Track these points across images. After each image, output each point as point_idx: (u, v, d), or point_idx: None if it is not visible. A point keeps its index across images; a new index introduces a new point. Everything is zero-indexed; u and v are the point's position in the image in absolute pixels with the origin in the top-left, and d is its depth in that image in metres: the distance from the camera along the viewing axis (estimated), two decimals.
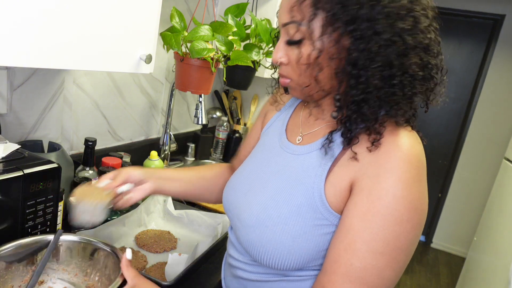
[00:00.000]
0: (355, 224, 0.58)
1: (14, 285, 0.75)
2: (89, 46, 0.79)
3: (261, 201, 0.69)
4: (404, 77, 0.57)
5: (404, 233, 0.57)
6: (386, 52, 0.56)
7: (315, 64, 0.61)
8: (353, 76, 0.58)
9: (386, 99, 0.58)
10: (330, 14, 0.57)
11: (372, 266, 0.57)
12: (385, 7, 0.55)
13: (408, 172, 0.57)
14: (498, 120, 3.42)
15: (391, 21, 0.55)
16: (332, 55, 0.59)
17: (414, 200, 0.57)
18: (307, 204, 0.63)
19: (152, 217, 1.18)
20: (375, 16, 0.55)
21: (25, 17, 0.66)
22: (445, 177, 3.70)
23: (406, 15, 0.56)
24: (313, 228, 0.62)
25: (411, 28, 0.56)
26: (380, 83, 0.57)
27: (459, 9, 3.39)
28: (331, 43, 0.58)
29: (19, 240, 0.76)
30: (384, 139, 0.59)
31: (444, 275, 3.33)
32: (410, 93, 0.59)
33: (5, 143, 0.85)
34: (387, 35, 0.55)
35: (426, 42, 0.58)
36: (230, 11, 1.31)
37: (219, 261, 1.06)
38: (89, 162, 1.15)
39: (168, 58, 1.65)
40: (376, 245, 0.57)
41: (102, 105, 1.38)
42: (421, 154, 0.60)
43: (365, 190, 0.58)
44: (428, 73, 0.60)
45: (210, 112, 2.10)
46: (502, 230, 2.11)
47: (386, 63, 0.56)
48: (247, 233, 0.68)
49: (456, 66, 3.54)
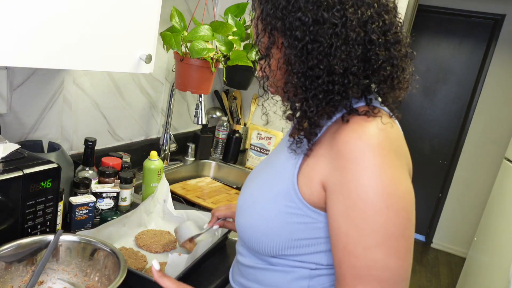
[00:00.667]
0: (341, 225, 0.59)
1: (14, 285, 0.75)
2: (89, 46, 0.79)
3: (251, 188, 0.77)
4: (332, 76, 0.60)
5: (390, 221, 0.56)
6: (307, 56, 0.60)
7: (273, 73, 0.68)
8: (286, 83, 0.65)
9: (321, 96, 0.62)
10: (269, 29, 0.64)
11: (373, 260, 0.57)
12: (305, 13, 0.59)
13: (372, 160, 0.57)
14: (498, 120, 3.42)
15: (310, 26, 0.59)
16: (276, 66, 0.67)
17: (387, 186, 0.56)
18: (283, 192, 0.67)
19: (152, 217, 1.18)
20: (296, 24, 0.60)
21: (25, 17, 0.66)
22: (445, 177, 3.70)
23: (329, 16, 0.58)
24: (286, 215, 0.65)
25: (335, 27, 0.58)
26: (304, 86, 0.62)
27: (459, 9, 3.39)
28: (275, 55, 0.66)
29: (19, 240, 0.76)
30: (344, 131, 0.60)
31: (444, 275, 3.33)
32: (341, 89, 0.61)
33: (5, 143, 0.85)
34: (306, 40, 0.59)
35: (361, 36, 0.59)
36: (230, 11, 1.31)
37: (219, 261, 1.06)
38: (89, 162, 1.15)
39: (168, 58, 1.65)
40: (367, 240, 0.57)
41: (102, 105, 1.38)
42: (386, 141, 0.58)
43: (337, 186, 0.59)
44: (374, 64, 0.61)
45: (210, 112, 2.10)
46: (502, 230, 2.11)
47: (309, 66, 0.61)
48: (237, 217, 0.76)
49: (456, 66, 3.53)
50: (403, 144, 0.63)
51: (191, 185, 1.62)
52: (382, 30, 0.61)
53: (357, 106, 0.64)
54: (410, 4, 1.79)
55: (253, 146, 1.88)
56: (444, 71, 3.56)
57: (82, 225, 1.05)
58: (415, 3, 1.91)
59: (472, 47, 3.47)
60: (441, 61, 3.56)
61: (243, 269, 0.79)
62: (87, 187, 1.09)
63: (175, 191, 1.50)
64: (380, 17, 0.61)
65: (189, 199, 1.47)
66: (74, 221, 1.03)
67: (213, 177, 1.87)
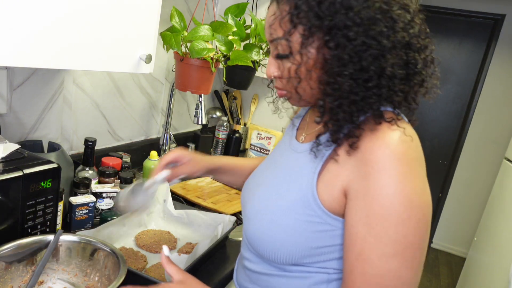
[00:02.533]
0: (360, 230, 0.58)
1: (14, 285, 0.75)
2: (89, 46, 0.79)
3: (261, 195, 0.73)
4: (381, 80, 0.58)
5: (411, 231, 0.56)
6: (360, 58, 0.57)
7: (299, 76, 0.63)
8: (328, 84, 0.61)
9: (362, 103, 0.59)
10: (307, 27, 0.59)
11: (387, 270, 0.56)
12: (358, 13, 0.56)
13: (398, 169, 0.56)
14: (498, 120, 3.42)
15: (365, 26, 0.57)
16: (311, 67, 0.62)
17: (410, 195, 0.56)
18: (301, 200, 0.64)
19: (152, 217, 1.18)
20: (348, 24, 0.57)
21: (25, 18, 0.66)
22: (445, 177, 3.70)
23: (382, 18, 0.57)
24: (305, 224, 0.63)
25: (387, 30, 0.57)
26: (352, 88, 0.59)
27: (459, 8, 3.39)
28: (310, 55, 0.61)
29: (19, 240, 0.76)
30: (369, 137, 0.59)
31: (444, 275, 3.33)
32: (388, 94, 0.60)
33: (5, 143, 0.85)
34: (360, 40, 0.57)
35: (406, 40, 0.59)
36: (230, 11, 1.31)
37: (219, 261, 1.06)
38: (89, 162, 1.15)
39: (168, 58, 1.65)
40: (385, 248, 0.56)
41: (102, 105, 1.38)
42: (411, 150, 0.58)
43: (360, 193, 0.58)
44: (412, 69, 0.60)
45: (210, 112, 2.09)
46: (502, 230, 2.11)
47: (360, 68, 0.58)
48: (248, 225, 0.72)
49: (456, 66, 3.53)
50: (423, 155, 0.62)
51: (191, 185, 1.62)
52: (418, 35, 0.61)
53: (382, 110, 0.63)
54: None
55: (253, 146, 1.88)
56: (444, 71, 3.56)
57: (82, 225, 1.05)
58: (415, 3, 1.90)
59: (472, 47, 3.47)
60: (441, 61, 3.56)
61: (252, 275, 0.76)
62: (87, 187, 1.09)
63: (175, 191, 1.50)
64: (415, 22, 0.61)
65: (189, 199, 1.47)
66: (74, 221, 1.03)
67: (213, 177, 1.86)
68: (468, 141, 3.54)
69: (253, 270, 0.75)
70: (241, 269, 0.81)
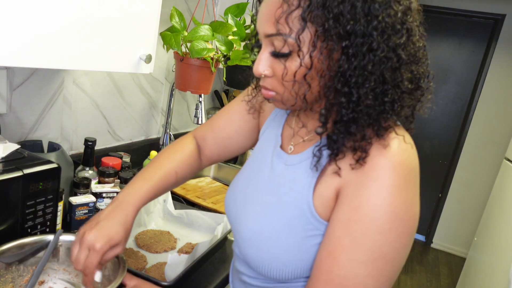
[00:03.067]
0: (337, 231, 0.57)
1: (15, 285, 0.75)
2: (89, 46, 0.79)
3: (254, 214, 0.69)
4: (395, 93, 0.56)
5: (388, 243, 0.55)
6: (381, 70, 0.54)
7: (303, 81, 0.57)
8: (344, 95, 0.55)
9: (376, 117, 0.56)
10: (321, 28, 0.53)
11: (353, 274, 0.55)
12: (382, 21, 0.52)
13: (392, 180, 0.55)
14: (498, 120, 3.42)
15: (386, 36, 0.53)
16: (322, 72, 0.56)
17: (398, 208, 0.55)
18: (298, 216, 0.62)
19: (152, 217, 1.18)
20: (371, 32, 0.52)
21: (25, 17, 0.66)
22: (445, 177, 3.70)
23: (400, 28, 0.55)
24: (305, 239, 0.62)
25: (405, 42, 0.55)
26: (372, 102, 0.55)
27: (460, 9, 3.39)
28: (321, 59, 0.55)
29: (19, 240, 0.76)
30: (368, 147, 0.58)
31: (444, 275, 3.33)
32: (399, 109, 0.57)
33: (4, 143, 0.85)
34: (382, 51, 0.53)
35: (417, 54, 0.57)
36: (230, 11, 1.31)
37: (219, 261, 1.06)
38: (89, 162, 1.15)
39: (168, 58, 1.65)
40: (356, 253, 0.55)
41: (102, 105, 1.38)
42: (409, 161, 0.57)
43: (349, 198, 0.57)
44: (416, 83, 0.58)
45: (210, 112, 2.09)
46: (502, 230, 2.11)
47: (380, 80, 0.54)
48: (245, 247, 0.69)
49: (456, 66, 3.53)
50: (418, 164, 0.60)
51: (191, 185, 1.62)
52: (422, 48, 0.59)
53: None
54: None
55: None
56: (444, 71, 3.56)
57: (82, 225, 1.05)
58: None
59: (472, 47, 3.47)
60: (441, 61, 3.56)
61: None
62: (87, 187, 1.09)
63: (175, 191, 1.50)
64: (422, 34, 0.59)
65: (189, 199, 1.47)
66: (74, 221, 1.03)
67: (213, 177, 1.87)
68: (468, 141, 3.54)
69: (253, 284, 0.72)
70: (239, 282, 0.77)
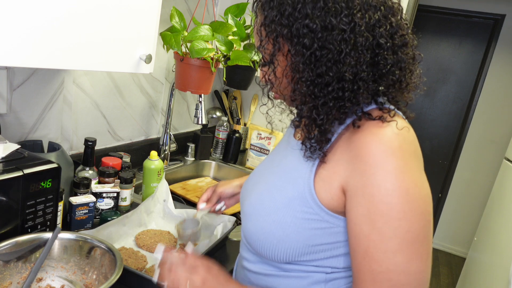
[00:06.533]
0: (363, 228, 0.58)
1: (13, 282, 0.75)
2: (89, 46, 0.79)
3: (259, 191, 0.74)
4: (342, 83, 0.59)
5: (413, 224, 0.56)
6: (316, 64, 0.59)
7: (271, 82, 0.67)
8: (293, 91, 0.63)
9: (325, 107, 0.61)
10: (275, 36, 0.62)
11: (394, 265, 0.56)
12: (313, 20, 0.57)
13: (393, 164, 0.56)
14: (498, 120, 3.42)
15: (320, 33, 0.57)
16: (281, 73, 0.64)
17: (409, 189, 0.56)
18: (298, 197, 0.65)
19: (152, 217, 1.18)
20: (304, 31, 0.58)
21: (25, 18, 0.66)
22: (445, 177, 3.70)
23: (337, 23, 0.57)
24: (303, 221, 0.64)
25: (345, 34, 0.57)
26: (312, 94, 0.60)
27: (459, 9, 3.39)
28: (281, 62, 0.64)
29: (17, 238, 0.76)
30: (362, 134, 0.59)
31: (444, 275, 3.33)
32: (351, 96, 0.60)
33: (5, 143, 0.85)
34: (316, 47, 0.58)
35: (371, 40, 0.58)
36: (230, 11, 1.31)
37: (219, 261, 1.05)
38: (89, 162, 1.15)
39: (168, 58, 1.65)
40: (389, 244, 0.56)
41: (102, 105, 1.38)
42: (406, 144, 0.58)
43: (359, 190, 0.58)
44: (382, 69, 0.60)
45: (210, 112, 2.09)
46: (502, 230, 2.11)
47: (317, 74, 0.59)
48: (245, 222, 0.74)
49: (456, 66, 3.53)
50: (419, 147, 0.62)
51: (191, 185, 1.62)
52: (389, 34, 0.60)
53: (368, 109, 0.63)
54: (410, 4, 1.79)
55: (253, 146, 1.88)
56: (444, 71, 3.56)
57: (82, 225, 1.05)
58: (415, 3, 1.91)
59: (472, 47, 3.47)
60: (441, 61, 3.56)
61: (252, 276, 0.76)
62: (87, 187, 1.09)
63: (175, 191, 1.50)
64: (387, 20, 0.60)
65: (189, 199, 1.47)
66: (74, 221, 1.03)
67: (213, 177, 1.87)
68: (468, 141, 3.54)
69: (251, 270, 0.75)
70: (240, 269, 0.81)
